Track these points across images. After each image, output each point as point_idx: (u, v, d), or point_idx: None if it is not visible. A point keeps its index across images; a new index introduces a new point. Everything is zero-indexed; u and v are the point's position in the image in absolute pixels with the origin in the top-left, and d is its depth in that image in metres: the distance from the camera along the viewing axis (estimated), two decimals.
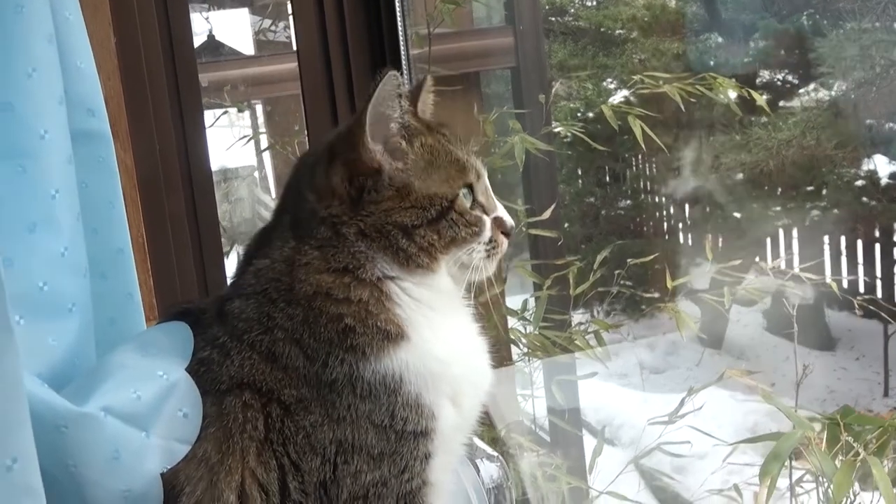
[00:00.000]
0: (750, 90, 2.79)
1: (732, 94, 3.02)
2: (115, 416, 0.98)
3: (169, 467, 1.04)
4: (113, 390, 1.01)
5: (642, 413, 2.80)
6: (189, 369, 1.09)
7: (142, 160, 1.72)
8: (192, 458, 1.05)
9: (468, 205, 1.19)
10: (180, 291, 1.82)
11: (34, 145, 1.06)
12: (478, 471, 1.49)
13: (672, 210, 6.78)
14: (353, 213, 1.14)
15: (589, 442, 3.47)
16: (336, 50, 2.00)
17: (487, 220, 1.20)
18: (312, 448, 1.08)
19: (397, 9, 2.08)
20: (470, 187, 1.19)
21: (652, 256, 2.97)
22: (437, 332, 1.15)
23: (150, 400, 1.03)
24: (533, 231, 2.67)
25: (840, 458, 1.73)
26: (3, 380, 0.78)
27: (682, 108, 2.48)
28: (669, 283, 2.61)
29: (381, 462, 1.09)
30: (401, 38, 2.09)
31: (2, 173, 1.03)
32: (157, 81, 1.81)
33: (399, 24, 2.08)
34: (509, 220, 1.24)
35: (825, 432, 1.79)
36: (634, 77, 2.63)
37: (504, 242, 1.23)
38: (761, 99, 3.08)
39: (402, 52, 2.10)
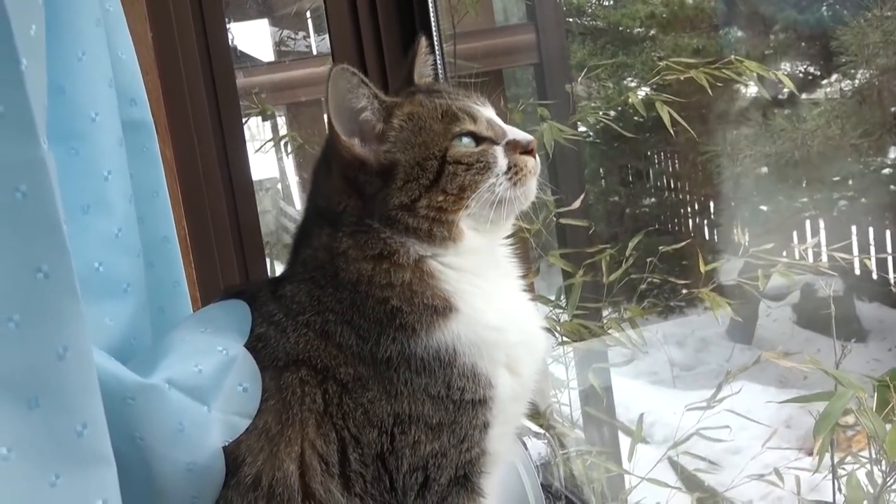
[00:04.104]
0: (776, 73, 2.77)
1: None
2: (179, 389, 1.00)
3: (230, 441, 1.05)
4: (176, 363, 1.02)
5: (674, 410, 2.77)
6: (247, 345, 1.11)
7: (181, 155, 1.74)
8: (253, 429, 1.06)
9: (470, 148, 1.15)
10: (223, 284, 1.84)
11: (85, 128, 1.08)
12: (525, 447, 1.49)
13: (697, 206, 6.74)
14: (364, 207, 1.15)
15: (623, 440, 3.45)
16: (371, 50, 2.01)
17: (497, 149, 1.16)
18: (370, 422, 1.08)
19: (430, 6, 2.09)
20: (468, 132, 1.16)
21: (684, 243, 2.96)
22: (488, 301, 1.15)
23: (211, 373, 1.04)
24: (563, 221, 2.65)
25: (893, 419, 1.73)
26: (73, 346, 0.79)
27: (710, 92, 2.46)
28: (702, 268, 2.59)
29: (441, 432, 1.09)
30: (434, 35, 2.10)
31: (55, 156, 1.03)
32: (194, 79, 1.83)
33: (433, 21, 2.09)
34: (523, 137, 1.19)
35: (875, 395, 1.79)
36: (661, 64, 2.61)
37: (528, 160, 1.17)
38: (788, 81, 3.06)
39: (437, 50, 2.11)
